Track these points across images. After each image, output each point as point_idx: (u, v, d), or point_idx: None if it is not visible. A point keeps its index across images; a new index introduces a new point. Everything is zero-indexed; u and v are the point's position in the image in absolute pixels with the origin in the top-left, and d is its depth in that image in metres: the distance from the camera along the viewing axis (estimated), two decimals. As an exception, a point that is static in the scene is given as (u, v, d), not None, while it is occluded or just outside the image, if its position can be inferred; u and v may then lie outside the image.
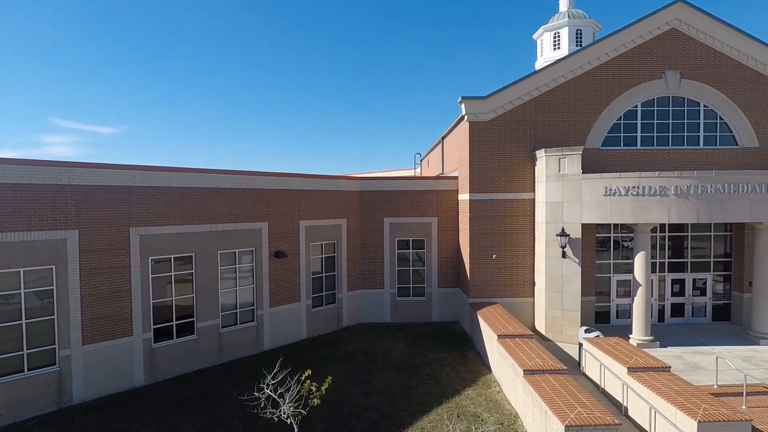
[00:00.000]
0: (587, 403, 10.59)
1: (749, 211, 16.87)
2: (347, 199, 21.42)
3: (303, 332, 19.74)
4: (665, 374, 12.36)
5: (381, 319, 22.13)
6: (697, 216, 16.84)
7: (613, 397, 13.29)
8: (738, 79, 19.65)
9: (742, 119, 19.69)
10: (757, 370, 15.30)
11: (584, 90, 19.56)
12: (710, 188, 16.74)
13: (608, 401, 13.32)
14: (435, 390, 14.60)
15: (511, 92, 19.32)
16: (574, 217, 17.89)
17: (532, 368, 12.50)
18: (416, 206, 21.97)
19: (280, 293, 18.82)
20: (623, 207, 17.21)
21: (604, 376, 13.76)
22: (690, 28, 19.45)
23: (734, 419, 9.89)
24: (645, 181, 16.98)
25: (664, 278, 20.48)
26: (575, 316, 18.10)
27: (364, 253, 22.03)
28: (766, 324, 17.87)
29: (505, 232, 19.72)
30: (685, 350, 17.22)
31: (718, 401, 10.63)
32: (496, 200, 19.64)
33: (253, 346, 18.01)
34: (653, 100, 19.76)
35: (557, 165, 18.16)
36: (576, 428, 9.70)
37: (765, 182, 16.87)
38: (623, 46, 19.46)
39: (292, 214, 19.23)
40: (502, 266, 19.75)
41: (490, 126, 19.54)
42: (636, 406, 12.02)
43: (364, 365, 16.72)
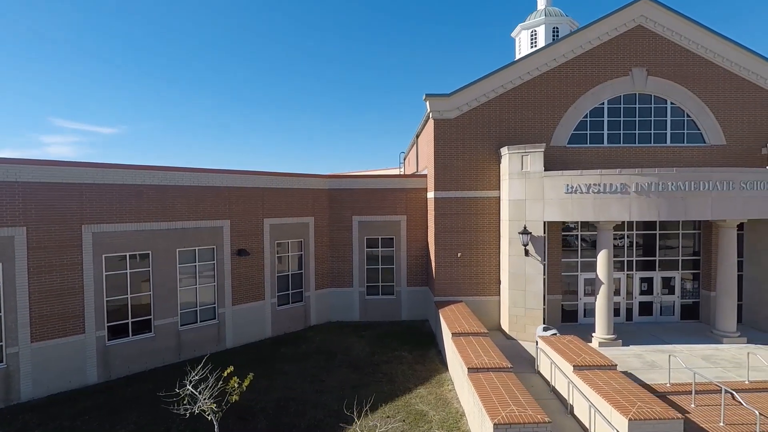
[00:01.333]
0: (523, 401, 10.51)
1: (710, 208, 16.74)
2: (315, 197, 21.36)
3: (268, 330, 19.67)
4: (610, 372, 12.28)
5: (350, 317, 22.06)
6: (657, 214, 16.72)
7: (562, 396, 13.20)
8: (705, 76, 19.53)
9: (709, 117, 19.57)
10: (714, 369, 15.21)
11: (550, 87, 19.46)
12: (671, 186, 16.61)
13: (557, 400, 13.24)
14: (387, 388, 14.52)
15: (476, 89, 19.23)
16: (537, 215, 17.80)
17: (477, 366, 12.42)
18: (385, 204, 21.90)
19: (243, 291, 18.76)
20: (585, 204, 17.10)
21: (554, 375, 13.68)
22: (656, 25, 19.34)
23: (666, 417, 9.80)
24: (606, 179, 16.87)
25: (632, 276, 20.36)
26: (538, 314, 18.01)
27: (333, 251, 21.96)
28: (729, 322, 17.75)
29: (471, 230, 19.63)
30: (647, 349, 17.10)
31: (654, 400, 10.55)
32: (462, 198, 19.55)
33: (215, 344, 17.95)
34: (620, 97, 19.65)
35: (520, 162, 18.07)
36: (504, 426, 9.62)
37: (726, 179, 16.74)
38: (589, 43, 19.36)
39: (256, 212, 19.17)
40: (468, 265, 19.66)
41: (455, 123, 19.45)
42: (580, 404, 11.94)
43: (322, 363, 16.65)
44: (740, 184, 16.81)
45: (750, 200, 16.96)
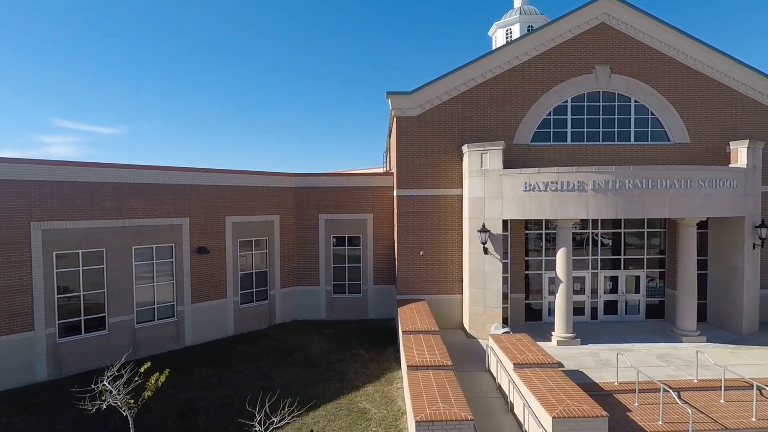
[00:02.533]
0: (453, 399, 10.44)
1: (668, 206, 16.63)
2: (281, 195, 21.31)
3: (230, 329, 19.63)
4: (550, 371, 12.19)
5: (317, 316, 22.01)
6: (615, 212, 16.62)
7: (506, 394, 13.13)
8: (669, 74, 19.44)
9: (673, 115, 19.47)
10: (667, 368, 15.12)
11: (514, 85, 19.38)
12: (628, 183, 16.51)
13: (501, 398, 13.17)
14: (335, 386, 14.48)
15: (439, 87, 19.16)
16: (496, 213, 17.72)
17: (416, 364, 12.36)
18: (352, 202, 21.84)
19: (203, 289, 18.72)
20: (543, 202, 17.01)
21: (499, 373, 13.61)
22: (619, 23, 19.25)
23: (590, 415, 9.72)
24: (563, 177, 16.77)
25: (598, 275, 20.27)
26: (497, 312, 17.93)
27: (300, 249, 21.91)
28: (689, 321, 17.65)
29: (434, 228, 19.56)
30: (605, 347, 17.00)
31: (584, 398, 10.45)
32: (425, 196, 19.48)
33: (173, 342, 17.92)
34: (583, 95, 19.57)
35: (479, 160, 18.00)
36: (426, 423, 9.56)
37: (684, 177, 16.63)
38: (552, 41, 19.27)
39: (218, 210, 19.13)
40: (431, 263, 19.59)
41: (417, 121, 19.38)
42: (518, 402, 11.87)
43: (277, 361, 16.61)
44: (698, 182, 16.70)
45: (709, 198, 16.86)
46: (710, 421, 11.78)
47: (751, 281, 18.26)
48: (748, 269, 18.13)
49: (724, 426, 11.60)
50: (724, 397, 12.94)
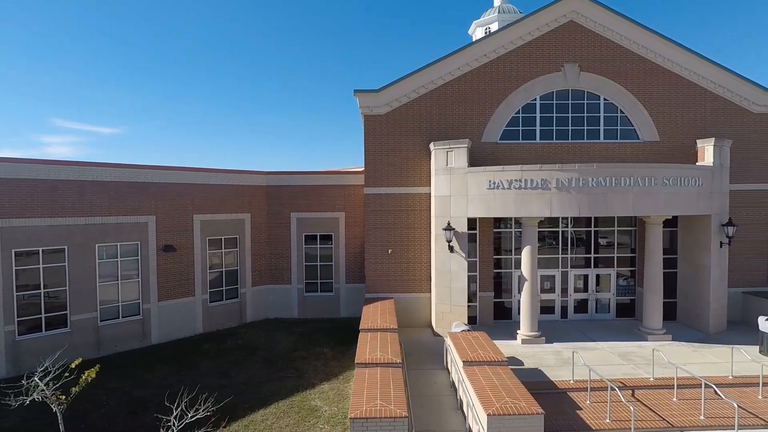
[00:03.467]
0: (393, 396, 10.40)
1: (631, 204, 16.58)
2: (252, 193, 21.29)
3: (198, 327, 19.62)
4: (499, 368, 12.14)
5: (289, 314, 21.99)
6: (578, 210, 16.56)
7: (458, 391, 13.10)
8: (638, 72, 19.39)
9: (643, 113, 19.42)
10: (626, 366, 15.09)
11: (482, 83, 19.34)
12: (591, 181, 16.46)
13: (455, 396, 13.13)
14: (291, 384, 14.46)
15: (406, 85, 19.12)
16: (461, 211, 17.68)
17: (366, 361, 12.32)
18: (323, 201, 21.82)
19: (170, 287, 18.72)
20: (507, 200, 16.97)
21: (453, 370, 13.58)
22: (588, 20, 19.20)
23: (526, 412, 9.68)
24: (527, 174, 16.73)
25: (568, 274, 20.22)
26: (462, 311, 17.89)
27: (271, 248, 21.89)
28: (655, 320, 17.60)
29: (403, 226, 19.52)
30: (568, 346, 16.96)
31: (525, 396, 10.38)
32: (394, 194, 19.45)
33: (139, 340, 17.92)
34: (552, 93, 19.52)
35: (445, 158, 17.97)
36: (361, 420, 9.54)
37: (648, 175, 16.57)
38: (520, 38, 19.23)
39: (185, 208, 19.12)
40: (399, 262, 19.55)
41: (385, 119, 19.35)
42: (465, 399, 11.83)
43: (240, 359, 16.60)
44: (662, 180, 16.65)
45: (673, 196, 16.81)
46: (658, 419, 11.75)
47: (719, 280, 18.19)
48: (715, 268, 18.07)
49: (671, 424, 11.56)
50: (677, 395, 12.90)
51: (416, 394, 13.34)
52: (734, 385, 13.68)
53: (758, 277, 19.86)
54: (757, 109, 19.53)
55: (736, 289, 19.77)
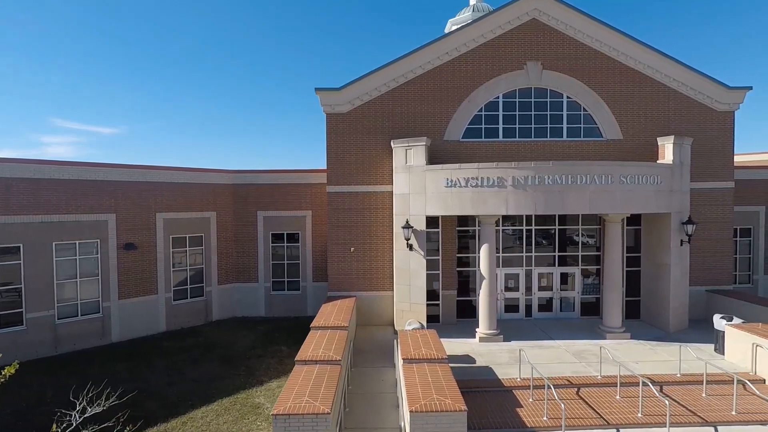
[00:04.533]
0: (322, 393, 10.38)
1: (588, 202, 16.54)
2: (218, 192, 21.31)
3: (161, 325, 19.65)
4: (437, 366, 12.11)
5: (256, 313, 22.01)
6: (534, 207, 16.54)
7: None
8: (600, 70, 19.36)
9: (606, 111, 19.39)
10: (578, 364, 15.08)
11: (445, 81, 19.32)
12: (548, 179, 16.42)
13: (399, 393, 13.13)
14: (241, 381, 14.48)
15: (368, 83, 19.10)
16: (420, 209, 17.67)
17: (305, 359, 12.33)
18: (290, 200, 21.84)
19: (131, 285, 18.74)
20: (463, 198, 16.94)
21: (397, 367, 13.58)
22: (550, 19, 19.17)
23: (448, 409, 9.67)
24: (483, 172, 16.71)
25: (532, 272, 20.18)
26: (422, 309, 17.88)
27: (238, 246, 21.91)
28: (614, 318, 17.57)
29: (366, 225, 19.51)
30: (525, 344, 16.90)
31: (454, 395, 10.33)
32: (356, 193, 19.43)
33: (98, 338, 17.95)
34: (515, 91, 19.49)
35: (404, 156, 17.96)
36: (284, 417, 9.53)
37: (605, 173, 16.53)
38: (482, 36, 19.21)
39: (148, 206, 19.15)
40: (362, 260, 19.54)
41: (348, 118, 19.34)
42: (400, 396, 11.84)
43: (197, 357, 16.63)
44: (620, 177, 16.62)
45: (631, 194, 16.77)
46: (596, 417, 11.73)
47: (679, 278, 18.16)
48: (675, 266, 18.04)
49: (607, 421, 11.54)
50: (621, 393, 12.86)
51: (360, 391, 13.36)
52: (681, 383, 13.65)
53: (722, 275, 19.81)
54: (720, 107, 19.49)
55: (700, 287, 19.73)
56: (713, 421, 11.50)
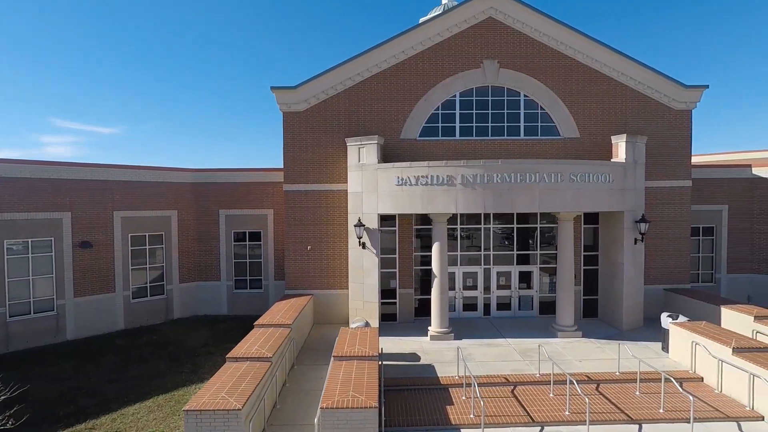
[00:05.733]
0: (241, 389, 10.41)
1: (537, 201, 16.53)
2: (178, 190, 21.36)
3: (119, 323, 19.70)
4: (366, 363, 12.11)
5: (218, 311, 22.06)
6: (483, 206, 16.54)
7: (337, 387, 13.10)
8: (558, 68, 19.35)
9: (563, 109, 19.38)
10: (521, 363, 15.09)
11: (402, 79, 19.33)
12: (496, 177, 16.41)
13: (334, 391, 13.14)
14: (183, 378, 14.53)
15: (324, 81, 19.13)
16: (372, 208, 17.68)
17: (235, 356, 12.37)
18: (252, 198, 21.88)
19: (87, 284, 18.79)
20: (414, 196, 16.95)
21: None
22: (506, 17, 19.16)
23: (358, 406, 9.68)
24: (433, 171, 16.71)
25: (490, 271, 20.17)
26: (374, 307, 17.89)
27: (200, 244, 21.96)
28: (566, 317, 17.55)
29: (322, 223, 19.53)
30: (475, 342, 16.94)
31: (370, 392, 10.35)
32: (313, 191, 19.46)
33: (53, 335, 18.00)
34: (472, 90, 19.50)
35: (357, 155, 17.98)
36: (195, 412, 9.58)
37: (554, 172, 16.50)
38: (438, 35, 19.21)
39: (105, 205, 19.20)
40: (319, 258, 19.57)
41: (304, 116, 19.37)
42: (330, 394, 11.84)
43: (146, 355, 16.67)
44: (569, 176, 16.59)
45: (581, 193, 16.75)
46: (523, 415, 11.73)
47: (633, 277, 18.14)
48: (629, 265, 18.02)
49: (532, 419, 11.55)
50: (554, 391, 12.86)
51: (297, 388, 13.41)
52: (619, 381, 13.66)
53: (680, 274, 19.79)
54: (678, 105, 19.47)
55: (657, 286, 19.74)
56: (638, 419, 11.50)
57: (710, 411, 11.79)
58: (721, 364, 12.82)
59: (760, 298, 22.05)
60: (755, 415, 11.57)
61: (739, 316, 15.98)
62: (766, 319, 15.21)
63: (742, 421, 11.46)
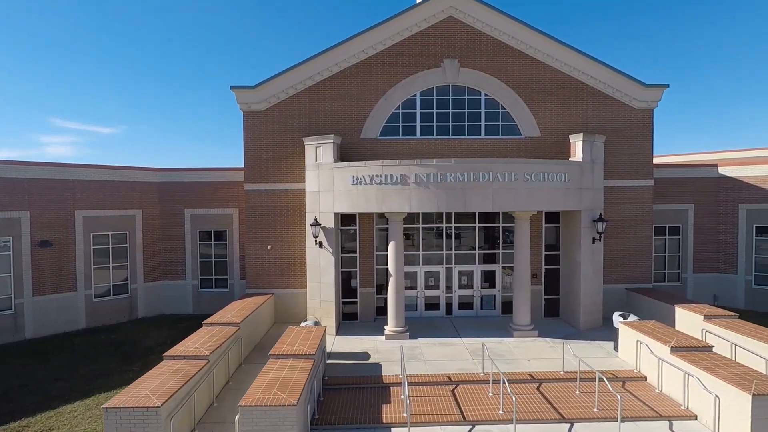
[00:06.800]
0: (167, 387, 10.43)
1: (491, 200, 16.50)
2: (143, 190, 21.39)
3: (81, 322, 19.73)
4: (301, 361, 12.10)
5: (184, 310, 22.08)
6: (437, 205, 16.53)
7: (278, 385, 13.11)
8: (518, 67, 19.33)
9: (524, 108, 19.36)
10: (471, 362, 15.10)
11: (362, 79, 19.33)
12: (450, 177, 16.39)
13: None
14: (130, 377, 14.40)
15: (283, 81, 19.13)
16: (328, 207, 17.69)
17: (173, 354, 12.41)
18: (217, 197, 21.91)
19: (47, 282, 18.83)
20: (369, 196, 16.95)
21: (276, 364, 13.59)
22: (467, 16, 19.16)
23: (278, 404, 9.69)
24: (387, 170, 16.69)
25: (452, 270, 20.15)
26: (331, 306, 17.91)
27: (165, 244, 21.99)
28: (521, 316, 17.54)
29: (283, 222, 19.53)
30: (430, 341, 16.95)
31: (294, 390, 10.35)
32: (273, 190, 19.46)
33: (11, 334, 18.04)
34: (432, 89, 19.49)
35: (314, 154, 18.00)
36: (114, 410, 9.60)
37: (509, 171, 16.49)
38: (398, 34, 19.21)
39: (65, 204, 19.24)
40: (279, 257, 19.57)
41: (264, 116, 19.38)
42: (265, 392, 11.85)
43: (99, 353, 16.70)
44: (524, 175, 16.57)
45: (536, 192, 16.73)
46: (456, 414, 11.71)
47: (591, 276, 18.11)
48: (586, 264, 17.99)
49: (464, 417, 11.53)
50: (493, 390, 12.84)
51: (239, 387, 13.38)
52: (562, 380, 13.64)
53: (642, 273, 19.77)
54: (638, 105, 19.44)
55: (620, 285, 19.72)
56: (570, 417, 11.49)
57: (645, 410, 11.77)
58: (661, 363, 12.80)
59: (726, 298, 22.03)
60: (689, 414, 11.55)
61: (691, 316, 15.95)
62: (714, 318, 15.18)
63: (675, 420, 11.44)
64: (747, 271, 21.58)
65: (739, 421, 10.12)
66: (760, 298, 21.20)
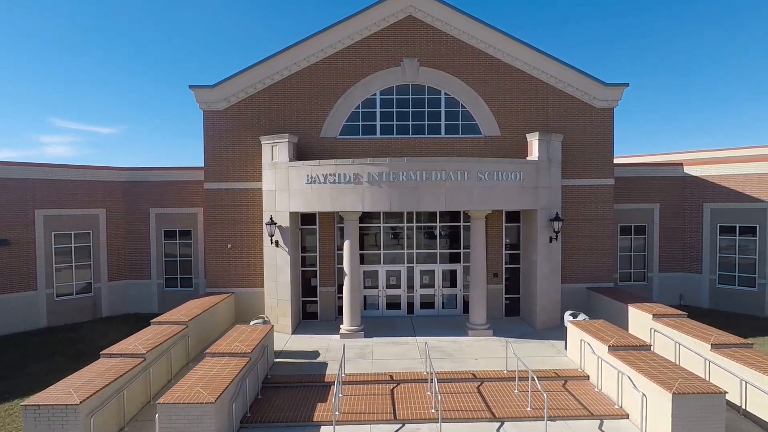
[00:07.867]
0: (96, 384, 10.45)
1: (444, 199, 16.49)
2: (108, 189, 21.41)
3: (42, 321, 19.75)
4: (235, 359, 12.11)
5: (149, 309, 22.06)
6: (389, 204, 16.51)
7: (218, 384, 13.12)
8: (478, 67, 19.32)
9: (484, 108, 19.35)
10: (416, 361, 15.04)
11: (322, 78, 19.32)
12: (402, 175, 16.37)
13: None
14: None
15: (242, 80, 19.14)
16: (284, 206, 17.70)
17: (110, 352, 12.44)
18: (183, 197, 21.92)
19: (6, 281, 18.85)
20: (323, 195, 16.95)
21: (217, 363, 13.59)
22: (426, 15, 19.15)
23: (196, 402, 9.70)
24: (341, 168, 16.69)
25: (414, 269, 20.14)
26: (287, 305, 17.92)
27: (130, 243, 22.00)
28: (477, 315, 17.51)
29: (242, 221, 19.53)
30: (383, 341, 16.94)
31: (219, 388, 10.36)
32: (232, 189, 19.46)
33: (-32, 333, 18.09)
34: (392, 88, 19.47)
35: (270, 153, 18.01)
36: (33, 407, 9.69)
37: (461, 169, 16.46)
38: (358, 33, 19.20)
39: (25, 203, 19.26)
40: (239, 256, 19.57)
41: (224, 115, 19.38)
42: (198, 391, 11.85)
43: (52, 353, 16.70)
44: (477, 174, 16.55)
45: (490, 191, 16.70)
46: (388, 412, 11.69)
47: (548, 275, 18.09)
48: (543, 263, 17.97)
49: (395, 416, 11.52)
50: (430, 388, 12.82)
51: (179, 385, 13.36)
52: (504, 379, 13.62)
53: (603, 272, 19.73)
54: (599, 104, 19.41)
55: (581, 284, 19.68)
56: (501, 416, 11.47)
57: (579, 409, 11.76)
58: (600, 362, 12.78)
59: (692, 297, 22.00)
60: (621, 413, 11.53)
61: (642, 315, 15.93)
62: (663, 318, 15.15)
63: (606, 419, 11.43)
64: (711, 270, 21.53)
65: (662, 420, 10.11)
66: (723, 297, 21.16)
